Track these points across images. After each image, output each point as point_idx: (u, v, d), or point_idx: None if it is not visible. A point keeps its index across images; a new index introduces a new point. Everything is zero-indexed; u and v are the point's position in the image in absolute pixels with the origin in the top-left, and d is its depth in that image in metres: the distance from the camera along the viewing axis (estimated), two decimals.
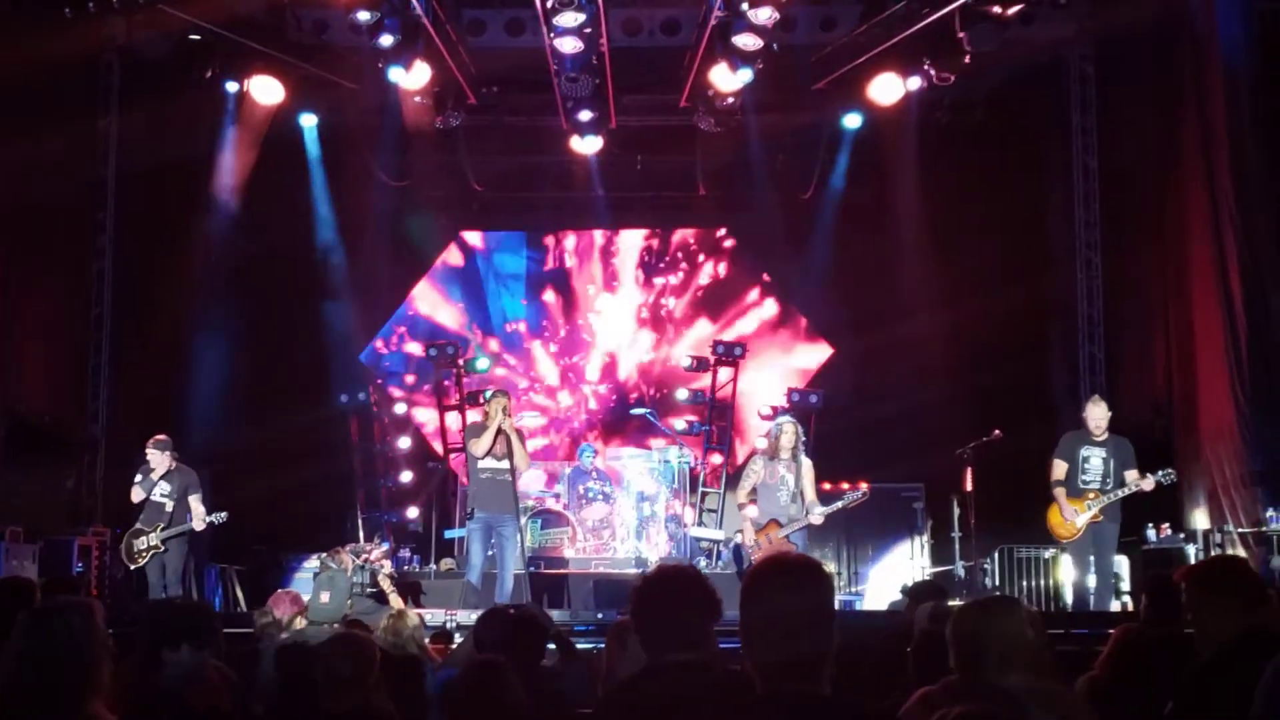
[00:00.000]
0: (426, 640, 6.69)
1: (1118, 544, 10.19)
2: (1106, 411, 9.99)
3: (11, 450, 11.95)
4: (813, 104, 13.73)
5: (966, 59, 12.09)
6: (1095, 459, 9.83)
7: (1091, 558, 10.05)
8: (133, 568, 10.82)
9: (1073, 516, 9.80)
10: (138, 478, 10.82)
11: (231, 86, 13.11)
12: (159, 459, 10.75)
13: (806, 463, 10.12)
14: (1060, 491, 9.86)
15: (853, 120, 13.94)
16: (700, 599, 3.23)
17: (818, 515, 9.94)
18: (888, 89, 13.09)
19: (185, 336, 13.57)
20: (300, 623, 7.03)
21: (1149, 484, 9.70)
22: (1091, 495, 9.78)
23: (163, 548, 10.68)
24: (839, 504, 10.13)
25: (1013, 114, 13.64)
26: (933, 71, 12.54)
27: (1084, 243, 13.70)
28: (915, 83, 12.94)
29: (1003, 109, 13.48)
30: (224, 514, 10.84)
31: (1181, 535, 11.48)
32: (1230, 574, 4.13)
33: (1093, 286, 13.68)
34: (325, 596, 8.40)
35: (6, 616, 5.36)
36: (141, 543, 10.69)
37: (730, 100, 12.97)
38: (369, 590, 9.78)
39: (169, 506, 10.73)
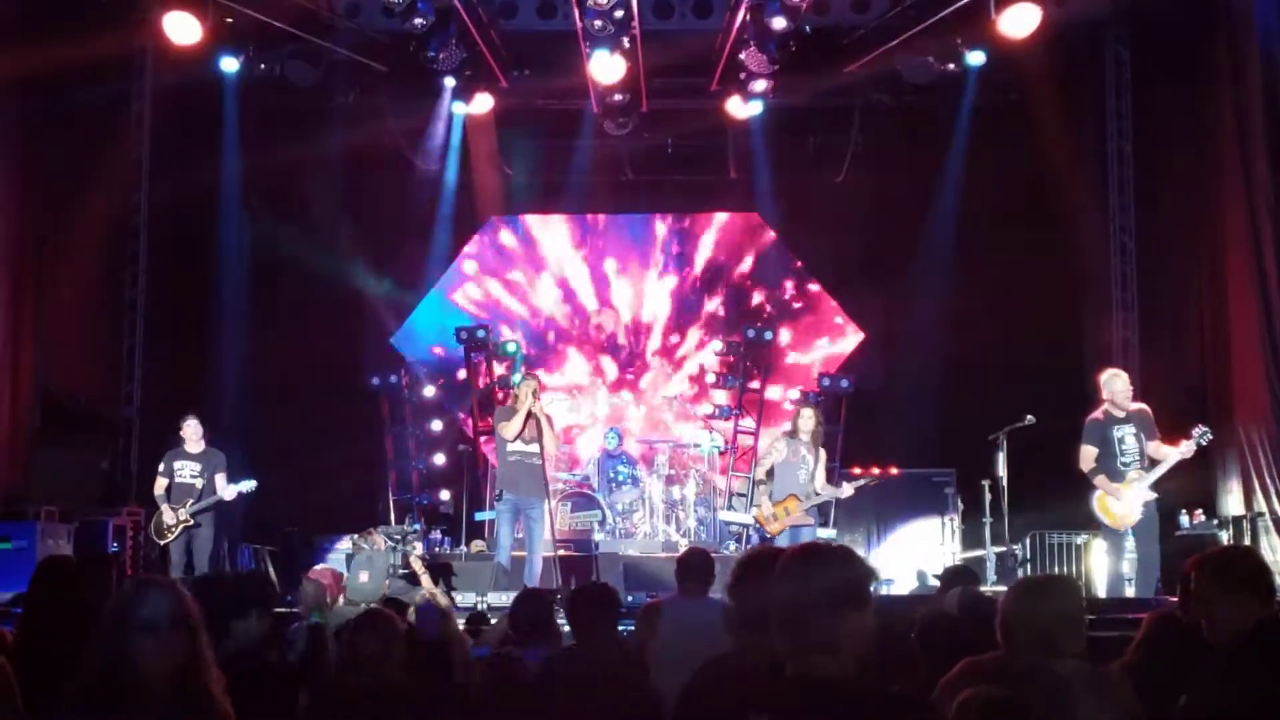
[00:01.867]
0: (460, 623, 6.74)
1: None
2: (1129, 383, 9.81)
3: (46, 431, 12.09)
4: (845, 87, 13.65)
5: (1000, 42, 12.00)
6: (1129, 438, 9.50)
7: (1128, 544, 9.68)
8: (161, 544, 10.95)
9: (1128, 506, 9.38)
10: (160, 467, 11.01)
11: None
12: (193, 431, 10.96)
13: (822, 452, 10.82)
14: (1102, 479, 9.48)
15: (885, 102, 13.83)
16: None
17: (848, 488, 10.64)
18: (921, 72, 13.00)
19: (219, 318, 13.67)
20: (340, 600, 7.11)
21: (1189, 449, 9.33)
22: (1135, 475, 9.41)
23: (193, 522, 10.83)
24: (863, 481, 10.88)
25: (1046, 97, 13.50)
26: (965, 53, 12.46)
27: (1118, 227, 13.56)
28: (949, 66, 12.84)
29: (1036, 92, 13.35)
30: (253, 482, 11.01)
31: (1215, 521, 11.36)
32: (1243, 566, 4.09)
33: (1126, 271, 13.55)
34: (364, 576, 8.51)
35: (47, 594, 5.47)
36: (171, 517, 10.82)
37: (762, 83, 12.91)
38: (401, 571, 9.86)
39: (199, 485, 10.92)
